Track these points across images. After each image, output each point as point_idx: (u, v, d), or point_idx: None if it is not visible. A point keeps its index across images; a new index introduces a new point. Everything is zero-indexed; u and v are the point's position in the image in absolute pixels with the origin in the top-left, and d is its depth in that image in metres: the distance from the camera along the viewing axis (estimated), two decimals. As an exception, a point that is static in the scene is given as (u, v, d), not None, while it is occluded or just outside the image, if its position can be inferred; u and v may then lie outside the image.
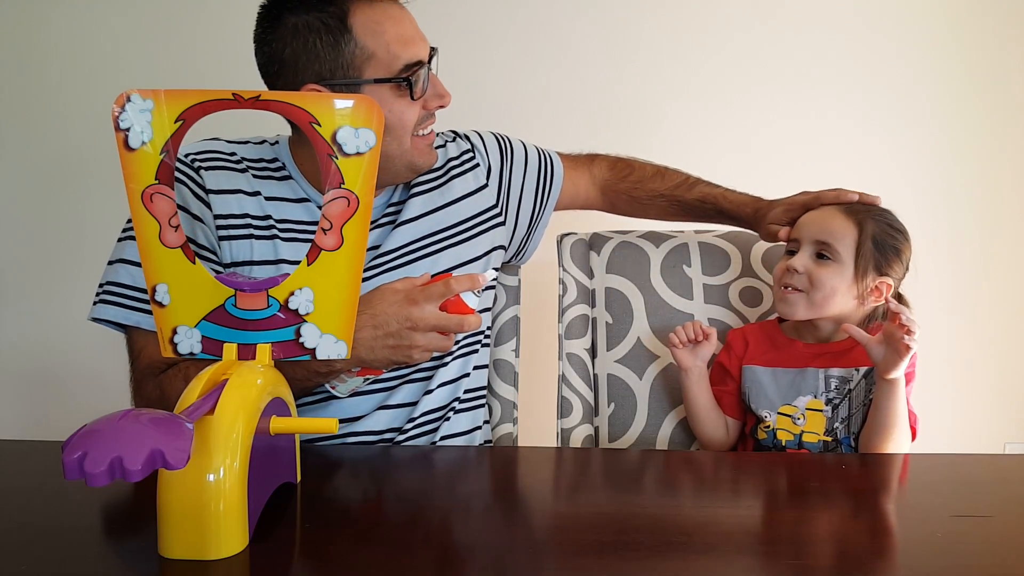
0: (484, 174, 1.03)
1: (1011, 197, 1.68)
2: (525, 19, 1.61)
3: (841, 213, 0.97)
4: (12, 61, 1.61)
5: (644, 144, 1.65)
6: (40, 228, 1.65)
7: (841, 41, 1.64)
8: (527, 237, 1.09)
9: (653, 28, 1.63)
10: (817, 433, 0.94)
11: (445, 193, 0.99)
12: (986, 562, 0.52)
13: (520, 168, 1.06)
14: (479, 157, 1.04)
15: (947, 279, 1.67)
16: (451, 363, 0.96)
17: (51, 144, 1.63)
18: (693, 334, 1.01)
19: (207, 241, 0.87)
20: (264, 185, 0.91)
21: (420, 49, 0.86)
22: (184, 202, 0.87)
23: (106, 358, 1.62)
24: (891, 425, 0.88)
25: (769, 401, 0.97)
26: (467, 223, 0.99)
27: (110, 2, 1.60)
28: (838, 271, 0.94)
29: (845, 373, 0.95)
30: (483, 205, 1.01)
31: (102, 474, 0.39)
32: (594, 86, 1.64)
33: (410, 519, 0.59)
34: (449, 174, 1.00)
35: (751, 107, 1.65)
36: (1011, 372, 1.71)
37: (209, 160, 0.90)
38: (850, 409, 0.94)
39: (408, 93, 0.85)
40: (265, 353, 0.59)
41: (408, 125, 0.87)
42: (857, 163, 1.64)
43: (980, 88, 1.66)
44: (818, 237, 0.96)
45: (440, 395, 0.95)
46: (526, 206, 1.06)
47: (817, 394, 0.95)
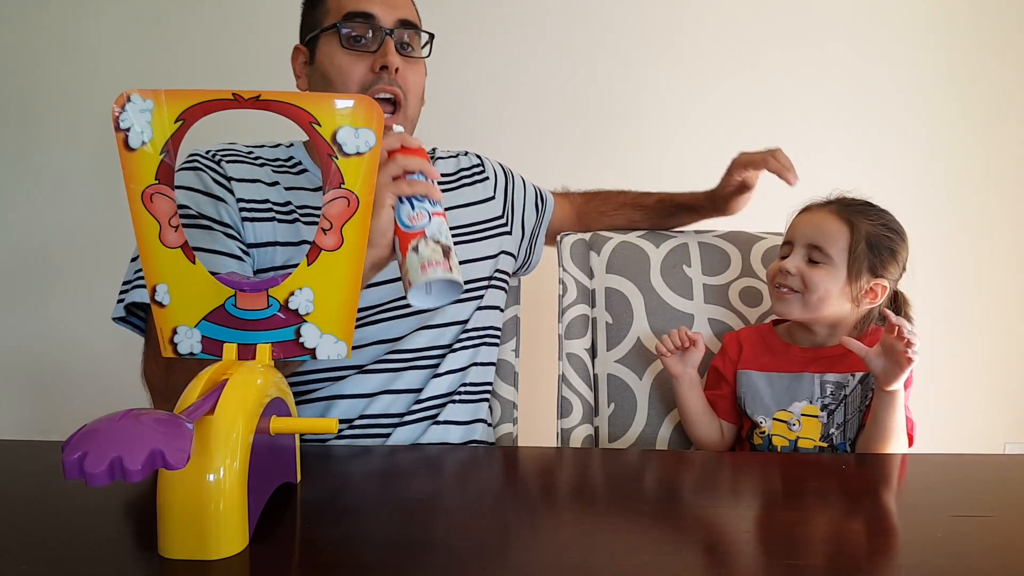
0: (492, 187, 1.10)
1: (1011, 197, 1.68)
2: (517, 21, 1.61)
3: (834, 215, 0.96)
4: (12, 61, 1.61)
5: (645, 144, 1.66)
6: (40, 228, 1.65)
7: (837, 43, 1.65)
8: (530, 249, 1.17)
9: (652, 30, 1.63)
10: (813, 439, 0.94)
11: (457, 197, 1.05)
12: (986, 562, 0.52)
13: (520, 188, 1.16)
14: (488, 172, 1.12)
15: (947, 279, 1.67)
16: (460, 351, 0.99)
17: (51, 144, 1.64)
18: (680, 342, 1.00)
19: (231, 220, 0.89)
20: (282, 178, 0.95)
21: (369, 4, 0.91)
22: (206, 187, 0.89)
23: (106, 359, 1.62)
24: (889, 436, 0.87)
25: (764, 406, 0.97)
26: (477, 226, 1.05)
27: (110, 2, 1.60)
28: (831, 274, 0.93)
29: (841, 379, 0.94)
30: (491, 214, 1.08)
31: (102, 474, 0.39)
32: (595, 87, 1.64)
33: (410, 519, 0.59)
34: (461, 181, 1.07)
35: (748, 108, 1.65)
36: (1011, 372, 1.71)
37: (229, 155, 0.94)
38: (846, 415, 0.93)
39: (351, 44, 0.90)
40: (265, 353, 0.59)
41: (349, 80, 0.91)
42: (856, 163, 1.64)
43: (980, 88, 1.66)
44: (810, 240, 0.95)
45: (448, 381, 0.97)
46: (528, 219, 1.15)
47: (813, 400, 0.95)
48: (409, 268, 0.67)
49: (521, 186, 1.16)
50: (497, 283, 1.06)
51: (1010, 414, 1.72)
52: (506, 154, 1.24)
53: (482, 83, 1.57)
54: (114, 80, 1.60)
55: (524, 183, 1.17)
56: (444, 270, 0.67)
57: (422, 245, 0.67)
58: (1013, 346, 1.70)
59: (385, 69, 0.90)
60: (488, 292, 1.04)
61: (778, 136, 1.61)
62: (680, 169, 1.31)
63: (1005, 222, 1.68)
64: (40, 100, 1.62)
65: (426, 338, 0.95)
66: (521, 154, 1.33)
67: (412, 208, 0.70)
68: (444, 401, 0.97)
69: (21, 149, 1.64)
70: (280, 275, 0.60)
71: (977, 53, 1.65)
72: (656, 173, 1.34)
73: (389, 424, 0.92)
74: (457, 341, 0.99)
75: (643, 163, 1.64)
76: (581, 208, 1.24)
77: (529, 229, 1.16)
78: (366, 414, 0.91)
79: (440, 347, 0.97)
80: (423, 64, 0.97)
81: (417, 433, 0.93)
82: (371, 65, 0.91)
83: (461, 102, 1.53)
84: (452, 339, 0.98)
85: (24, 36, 1.60)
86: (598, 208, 1.23)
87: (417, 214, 0.70)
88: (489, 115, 1.59)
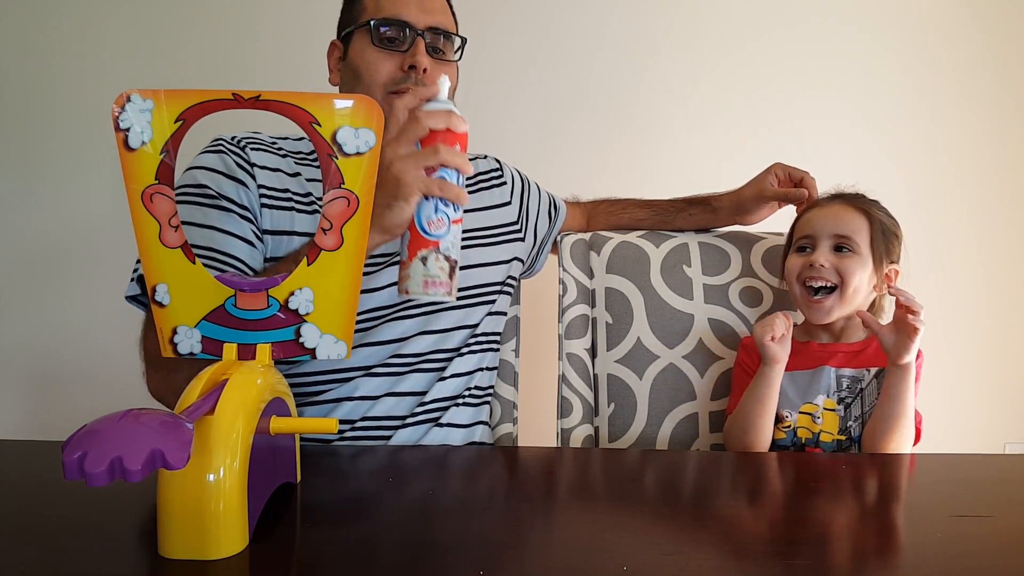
0: (508, 192, 1.11)
1: (1011, 197, 1.68)
2: (526, 21, 1.61)
3: (850, 207, 0.99)
4: (11, 60, 1.61)
5: (646, 146, 1.66)
6: (41, 228, 1.65)
7: (840, 44, 1.65)
8: (537, 255, 1.18)
9: (655, 33, 1.63)
10: (832, 432, 0.94)
11: (475, 200, 1.05)
12: (986, 562, 0.52)
13: (535, 195, 1.16)
14: (506, 176, 1.12)
15: (947, 279, 1.67)
16: (468, 355, 0.99)
17: (51, 144, 1.63)
18: (784, 328, 0.95)
19: (249, 203, 0.89)
20: (304, 169, 0.95)
21: (405, 10, 0.91)
22: (228, 170, 0.90)
23: (106, 359, 1.62)
24: (899, 415, 0.88)
25: (790, 402, 0.97)
26: (492, 230, 1.05)
27: (111, 2, 1.60)
28: (860, 262, 0.95)
29: (857, 373, 0.96)
30: (506, 219, 1.08)
31: (102, 474, 0.39)
32: (596, 89, 1.64)
33: (410, 519, 0.59)
34: (479, 185, 1.08)
35: (751, 109, 1.65)
36: (1011, 372, 1.71)
37: (253, 143, 0.94)
38: (863, 408, 0.94)
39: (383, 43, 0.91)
40: (265, 353, 0.59)
41: (376, 75, 0.91)
42: (856, 164, 1.64)
43: (979, 88, 1.66)
44: (836, 231, 0.97)
45: (453, 384, 0.97)
46: (541, 227, 1.16)
47: (830, 393, 0.96)
48: (411, 275, 0.66)
49: (536, 193, 1.16)
50: (507, 289, 1.07)
51: (1010, 414, 1.72)
52: (507, 154, 1.24)
53: (491, 85, 1.57)
54: (120, 79, 1.60)
55: (539, 190, 1.18)
56: (445, 292, 0.67)
57: (432, 259, 0.66)
58: (1013, 346, 1.70)
59: (413, 69, 0.90)
60: (499, 298, 1.04)
61: (785, 136, 1.63)
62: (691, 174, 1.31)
63: (1005, 222, 1.68)
64: (44, 99, 1.62)
65: (429, 342, 0.95)
66: (522, 155, 1.33)
67: (435, 212, 0.67)
68: (448, 404, 0.96)
69: (26, 148, 1.64)
70: (280, 275, 0.60)
71: (983, 52, 1.65)
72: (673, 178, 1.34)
73: (391, 427, 0.92)
74: (465, 345, 0.99)
75: (661, 168, 1.64)
76: (590, 212, 1.26)
77: (540, 236, 1.16)
78: (368, 416, 0.91)
79: (446, 351, 0.97)
80: (454, 68, 0.98)
81: (418, 435, 0.93)
82: (400, 64, 0.91)
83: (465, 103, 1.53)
84: (460, 343, 0.98)
85: (24, 35, 1.60)
86: (606, 210, 1.25)
87: (438, 220, 0.67)
88: (497, 117, 1.59)
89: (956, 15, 1.64)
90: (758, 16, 1.63)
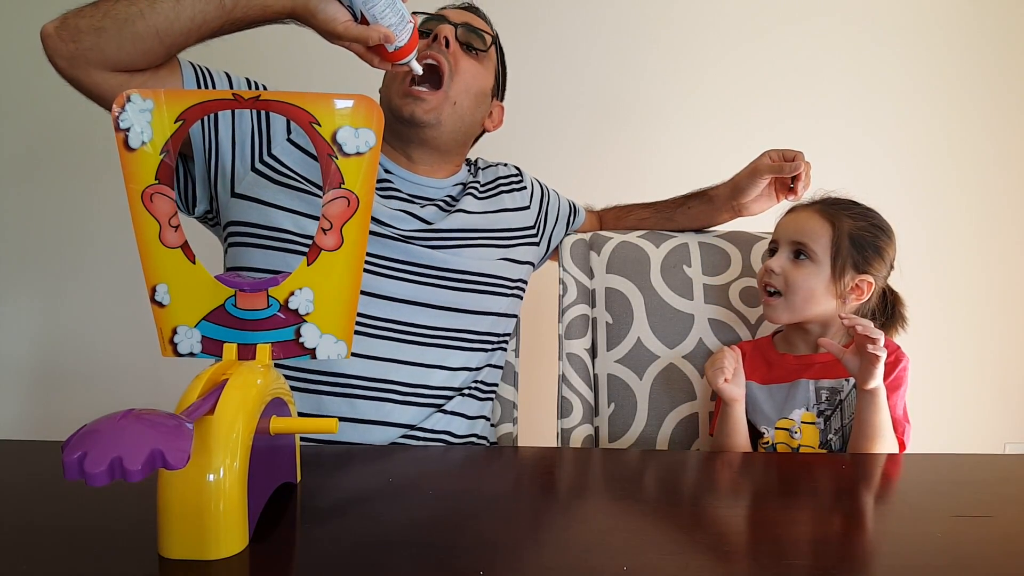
0: (528, 197, 1.13)
1: (1011, 197, 1.68)
2: (526, 21, 1.61)
3: (816, 213, 0.97)
4: (11, 60, 1.61)
5: (645, 146, 1.66)
6: (41, 227, 1.65)
7: (841, 45, 1.65)
8: (544, 258, 1.20)
9: (656, 34, 1.64)
10: (812, 446, 0.94)
11: (495, 202, 1.08)
12: (986, 562, 0.52)
13: (555, 203, 1.20)
14: (525, 182, 1.15)
15: (947, 279, 1.67)
16: (477, 352, 1.01)
17: (51, 144, 1.63)
18: (735, 362, 0.96)
19: (227, 137, 0.92)
20: None
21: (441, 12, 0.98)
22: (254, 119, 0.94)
23: (106, 359, 1.62)
24: (874, 436, 0.87)
25: (766, 417, 0.97)
26: (510, 232, 1.08)
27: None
28: (815, 271, 0.95)
29: (835, 384, 0.95)
30: (524, 223, 1.11)
31: (102, 474, 0.39)
32: (597, 90, 1.64)
33: (410, 519, 0.59)
34: (499, 188, 1.11)
35: (750, 109, 1.65)
36: (1011, 372, 1.71)
37: None
38: (843, 420, 0.93)
39: None
40: (265, 353, 0.59)
41: None
42: (856, 164, 1.64)
43: (979, 89, 1.66)
44: (794, 237, 0.97)
45: (459, 377, 0.99)
46: (557, 234, 1.18)
47: (809, 407, 0.95)
48: None
49: (556, 201, 1.20)
50: (519, 292, 1.09)
51: (1010, 414, 1.72)
52: (507, 154, 1.24)
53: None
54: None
55: (559, 197, 1.21)
56: None
57: None
58: (1013, 346, 1.70)
59: (436, 39, 0.94)
60: (510, 300, 1.06)
61: (786, 137, 1.63)
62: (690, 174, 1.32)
63: (1005, 222, 1.68)
64: (44, 99, 1.62)
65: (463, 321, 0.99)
66: (522, 155, 1.33)
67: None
68: (453, 394, 0.98)
69: (26, 148, 1.64)
70: (280, 275, 0.60)
71: (983, 53, 1.65)
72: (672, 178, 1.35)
73: (397, 395, 0.93)
74: (478, 340, 1.01)
75: (660, 168, 1.64)
76: (601, 218, 1.30)
77: (554, 243, 1.19)
78: (378, 377, 0.92)
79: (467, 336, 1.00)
80: (483, 66, 1.01)
81: (421, 416, 0.94)
82: (427, 42, 0.96)
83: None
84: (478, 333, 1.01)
85: (23, 35, 1.60)
86: (615, 215, 1.28)
87: None
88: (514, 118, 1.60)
89: (956, 15, 1.64)
90: (758, 16, 1.63)
